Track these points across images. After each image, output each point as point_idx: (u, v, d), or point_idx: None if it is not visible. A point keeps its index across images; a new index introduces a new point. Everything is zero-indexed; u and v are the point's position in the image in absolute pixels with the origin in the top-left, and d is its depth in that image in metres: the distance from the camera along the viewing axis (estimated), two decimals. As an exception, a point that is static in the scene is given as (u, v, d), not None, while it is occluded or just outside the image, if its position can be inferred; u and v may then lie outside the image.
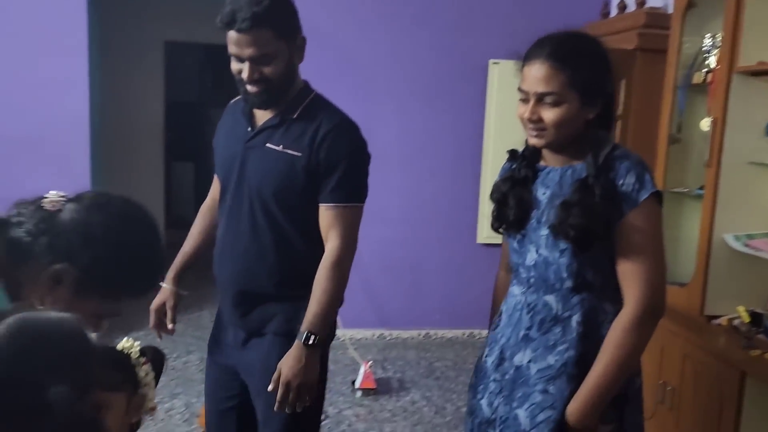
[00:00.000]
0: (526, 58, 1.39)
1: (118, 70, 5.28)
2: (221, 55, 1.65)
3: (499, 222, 1.51)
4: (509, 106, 3.70)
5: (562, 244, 1.38)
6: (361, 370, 3.30)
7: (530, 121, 1.37)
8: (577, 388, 1.39)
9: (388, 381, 3.45)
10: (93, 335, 0.84)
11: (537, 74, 1.34)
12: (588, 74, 1.35)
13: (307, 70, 1.69)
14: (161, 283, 1.81)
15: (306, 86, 1.68)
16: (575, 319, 1.40)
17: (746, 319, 2.17)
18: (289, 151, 1.59)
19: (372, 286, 3.97)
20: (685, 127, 2.65)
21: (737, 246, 2.25)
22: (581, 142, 1.39)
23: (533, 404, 1.42)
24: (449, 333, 4.08)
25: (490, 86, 3.82)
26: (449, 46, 3.84)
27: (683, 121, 2.64)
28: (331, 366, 1.67)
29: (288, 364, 1.55)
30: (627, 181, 1.35)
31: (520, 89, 1.39)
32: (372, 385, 3.27)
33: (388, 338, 4.06)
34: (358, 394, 3.24)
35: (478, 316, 4.01)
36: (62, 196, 1.04)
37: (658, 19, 2.97)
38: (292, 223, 1.63)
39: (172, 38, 5.66)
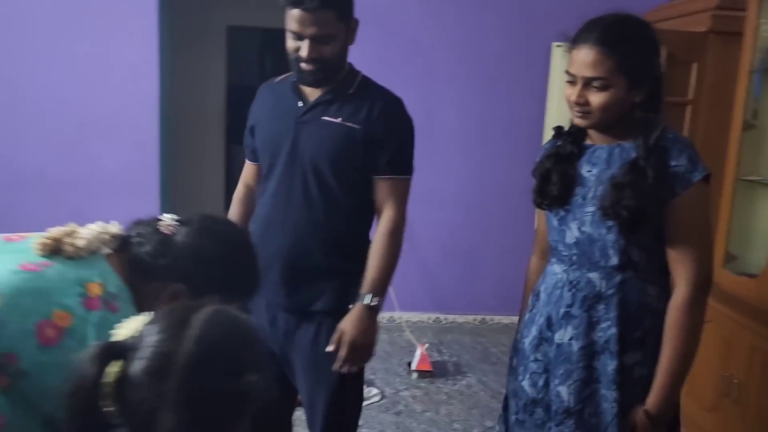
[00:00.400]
0: (574, 42, 1.40)
1: (182, 55, 5.44)
2: (281, 38, 1.69)
3: (541, 197, 1.53)
4: (572, 91, 3.66)
5: (609, 222, 1.40)
6: (417, 353, 3.35)
7: (577, 104, 1.39)
8: (619, 365, 1.41)
9: (444, 364, 3.48)
10: None
11: (585, 59, 1.36)
12: (635, 59, 1.36)
13: (370, 54, 1.73)
14: None
15: (352, 66, 1.73)
16: (618, 297, 1.42)
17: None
18: (348, 124, 1.64)
19: (429, 270, 4.00)
20: (761, 113, 2.55)
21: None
22: (628, 121, 1.41)
23: (577, 380, 1.45)
24: (505, 319, 4.07)
25: (552, 70, 3.75)
26: (512, 30, 3.80)
27: (759, 106, 2.54)
28: (387, 347, 1.71)
29: (351, 325, 1.62)
30: (680, 163, 1.37)
31: (567, 72, 1.42)
32: (428, 367, 3.31)
33: (443, 322, 4.08)
34: (414, 375, 3.29)
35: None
36: (176, 220, 1.15)
37: (732, 0, 2.85)
38: (345, 194, 1.68)
39: (234, 23, 5.78)
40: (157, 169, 3.74)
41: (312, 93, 1.68)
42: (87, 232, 1.07)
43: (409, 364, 3.34)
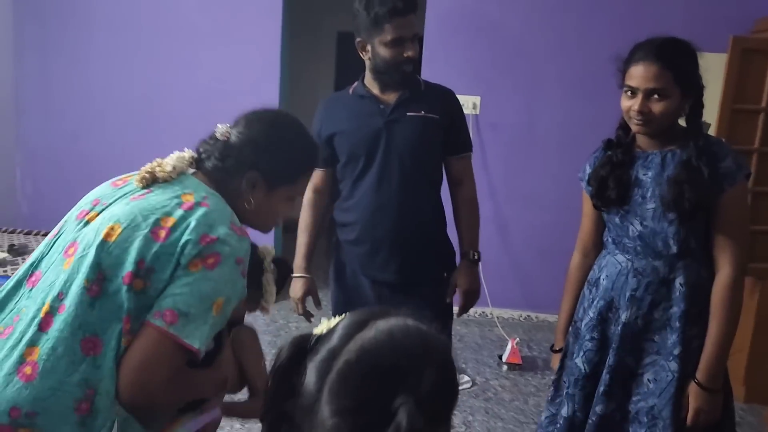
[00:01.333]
0: (630, 61, 1.62)
1: (297, 58, 5.85)
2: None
3: (601, 201, 1.74)
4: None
5: (671, 216, 1.60)
6: (509, 346, 3.49)
7: (640, 113, 1.58)
8: (679, 339, 1.63)
9: (534, 359, 3.61)
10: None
11: (647, 73, 1.56)
12: (687, 71, 1.58)
13: (480, 60, 1.95)
14: (294, 275, 2.08)
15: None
16: (679, 280, 1.64)
17: None
18: (430, 115, 1.95)
19: (522, 268, 4.13)
20: None
21: None
22: (673, 128, 1.63)
23: (642, 350, 1.69)
24: (597, 321, 4.12)
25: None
26: (617, 36, 3.81)
27: None
28: (479, 340, 1.94)
29: (463, 277, 2.03)
30: (726, 164, 1.58)
31: (626, 85, 1.62)
32: (518, 360, 3.45)
33: (534, 320, 4.19)
34: (504, 368, 3.44)
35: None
36: (227, 127, 1.34)
37: None
38: (432, 173, 2.02)
39: (344, 29, 6.14)
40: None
41: (387, 97, 1.97)
42: (170, 159, 1.28)
43: (500, 356, 3.49)
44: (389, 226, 1.96)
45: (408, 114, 1.94)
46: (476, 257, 2.05)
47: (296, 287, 2.10)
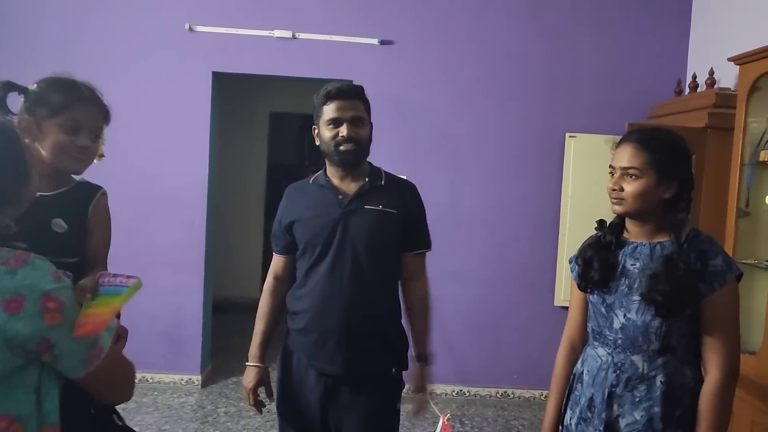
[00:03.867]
0: (619, 143, 1.67)
1: (229, 137, 5.94)
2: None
3: (585, 281, 1.72)
4: (583, 176, 3.97)
5: (653, 309, 1.58)
6: (440, 423, 3.49)
7: (613, 190, 1.63)
8: None
9: (466, 435, 3.62)
10: None
11: (624, 153, 1.63)
12: (664, 157, 1.60)
13: (403, 142, 2.05)
14: (248, 363, 2.05)
15: (372, 164, 2.07)
16: (659, 378, 1.57)
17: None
18: (388, 209, 1.96)
19: (452, 343, 4.18)
20: (752, 201, 2.78)
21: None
22: (663, 221, 1.63)
23: None
24: (527, 393, 4.21)
25: (566, 158, 4.06)
26: (531, 121, 4.12)
27: (751, 196, 2.78)
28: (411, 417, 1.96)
29: (421, 380, 2.04)
30: (716, 263, 1.56)
31: (610, 166, 1.68)
32: (450, 437, 3.45)
33: (467, 395, 4.22)
34: (437, 445, 3.43)
35: (556, 377, 4.14)
36: None
37: (727, 100, 3.13)
38: (387, 267, 1.99)
39: (276, 110, 6.30)
40: (203, 245, 4.10)
41: (347, 187, 1.98)
42: None
43: (432, 434, 3.49)
44: (338, 316, 1.91)
45: (365, 207, 1.94)
46: (427, 359, 2.04)
47: (249, 377, 2.05)
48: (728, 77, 3.40)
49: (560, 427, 1.78)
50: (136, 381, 1.25)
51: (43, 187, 1.59)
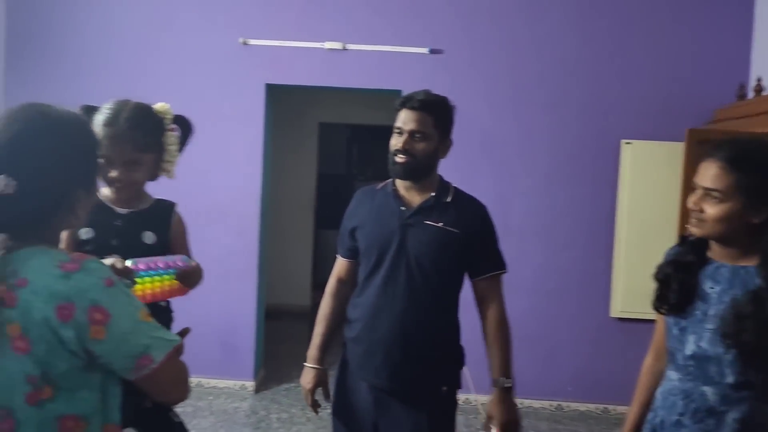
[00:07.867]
0: (706, 157, 1.49)
1: (280, 147, 6.04)
2: (365, 133, 2.01)
3: (660, 302, 1.58)
4: (641, 185, 3.85)
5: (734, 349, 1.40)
6: (493, 435, 3.44)
7: (693, 210, 1.48)
8: None
9: (519, 448, 3.54)
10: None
11: (707, 171, 1.45)
12: (757, 181, 1.40)
13: (452, 150, 2.02)
14: (306, 365, 2.06)
15: (443, 179, 2.01)
16: (731, 415, 1.42)
17: None
18: (449, 228, 1.89)
19: (504, 353, 4.11)
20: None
21: None
22: (750, 243, 1.44)
23: None
24: (582, 406, 4.11)
25: (622, 165, 3.96)
26: (584, 127, 4.04)
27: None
28: (463, 429, 1.88)
29: (498, 407, 1.89)
30: None
31: (694, 181, 1.51)
32: (503, 449, 3.38)
33: (520, 407, 4.10)
34: (490, 457, 3.37)
35: (612, 390, 4.04)
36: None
37: (795, 103, 3.00)
38: (443, 288, 1.93)
39: (325, 120, 6.38)
40: (256, 253, 4.17)
41: (413, 199, 1.94)
42: None
43: (485, 445, 3.43)
44: (388, 329, 1.88)
45: (425, 222, 1.90)
46: (509, 384, 1.92)
47: (307, 377, 2.06)
48: (795, 80, 3.26)
49: None
50: (192, 386, 1.26)
51: (131, 204, 1.87)
